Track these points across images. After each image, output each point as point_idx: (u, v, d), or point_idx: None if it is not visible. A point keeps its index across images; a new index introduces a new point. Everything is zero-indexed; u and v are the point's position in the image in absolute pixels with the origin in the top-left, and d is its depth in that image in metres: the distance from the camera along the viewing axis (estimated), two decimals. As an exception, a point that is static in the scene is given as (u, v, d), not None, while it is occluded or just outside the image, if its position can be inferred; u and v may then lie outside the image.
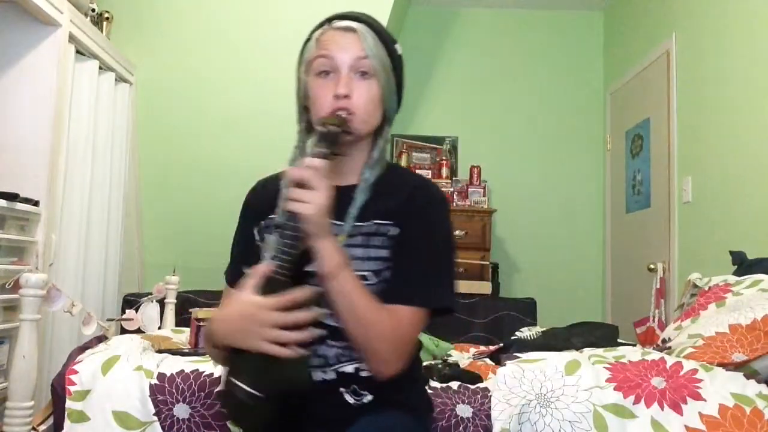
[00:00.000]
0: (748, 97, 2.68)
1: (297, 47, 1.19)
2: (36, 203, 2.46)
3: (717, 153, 2.90)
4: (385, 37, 1.15)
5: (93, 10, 3.08)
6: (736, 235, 2.69)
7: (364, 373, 1.08)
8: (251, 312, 1.00)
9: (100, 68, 3.03)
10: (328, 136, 1.05)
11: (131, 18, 3.41)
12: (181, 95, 3.45)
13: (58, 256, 2.64)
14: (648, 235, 3.57)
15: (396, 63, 1.17)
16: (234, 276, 1.18)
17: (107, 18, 3.25)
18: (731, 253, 2.30)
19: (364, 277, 1.08)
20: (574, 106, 4.35)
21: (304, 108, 1.19)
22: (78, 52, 2.83)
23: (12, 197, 2.29)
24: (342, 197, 1.09)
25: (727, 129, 2.82)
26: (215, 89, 3.45)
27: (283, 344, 0.98)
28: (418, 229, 1.11)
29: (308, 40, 1.18)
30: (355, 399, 1.09)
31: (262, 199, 1.21)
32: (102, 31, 3.15)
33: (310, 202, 0.99)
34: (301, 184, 1.00)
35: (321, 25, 1.17)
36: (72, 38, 2.72)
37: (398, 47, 1.18)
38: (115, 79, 3.19)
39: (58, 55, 2.60)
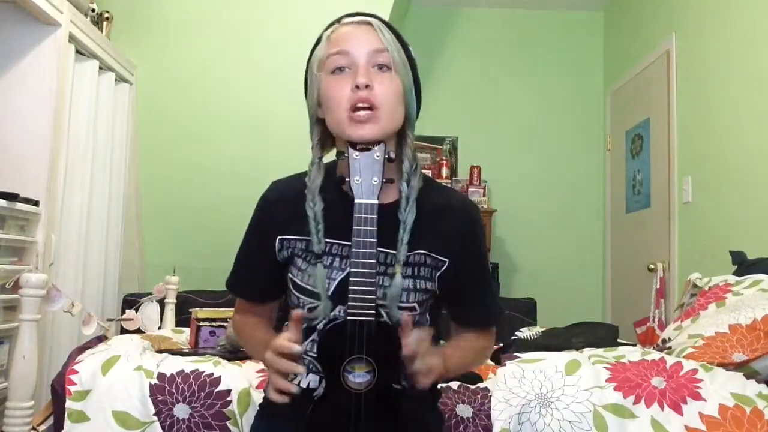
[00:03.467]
0: (748, 96, 2.68)
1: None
2: (36, 203, 2.45)
3: (717, 153, 2.89)
4: (399, 36, 1.10)
5: (93, 10, 3.08)
6: (736, 235, 2.69)
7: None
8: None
9: (100, 68, 3.02)
10: (367, 160, 0.96)
11: (131, 18, 3.41)
12: (181, 95, 3.45)
13: (58, 256, 2.64)
14: (648, 235, 3.57)
15: (412, 64, 1.10)
16: (245, 287, 1.18)
17: (107, 18, 3.25)
18: (731, 253, 2.30)
19: (412, 308, 1.06)
20: (574, 106, 4.35)
21: (317, 121, 1.10)
22: (78, 52, 2.83)
23: (12, 197, 2.29)
24: (382, 218, 0.98)
25: (727, 129, 2.82)
26: (215, 89, 3.45)
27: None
28: (475, 258, 1.15)
29: (318, 42, 1.10)
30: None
31: (284, 207, 1.12)
32: (102, 31, 3.15)
33: (432, 373, 0.97)
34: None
35: (330, 25, 1.11)
36: (72, 38, 2.72)
37: (412, 50, 1.12)
38: (115, 79, 3.18)
39: (58, 55, 2.60)
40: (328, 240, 1.07)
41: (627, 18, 4.05)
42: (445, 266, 1.10)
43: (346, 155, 0.98)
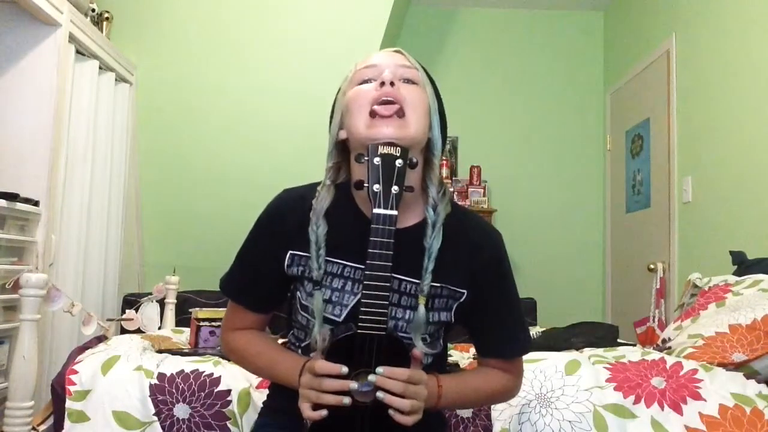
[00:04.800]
0: (748, 96, 2.68)
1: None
2: (36, 203, 2.45)
3: (717, 153, 2.90)
4: (428, 73, 1.10)
5: (93, 10, 3.08)
6: (736, 235, 2.69)
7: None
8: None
9: (100, 68, 3.02)
10: (388, 166, 0.90)
11: (131, 18, 3.41)
12: (181, 95, 3.45)
13: (58, 256, 2.64)
14: (648, 235, 3.57)
15: (438, 98, 1.09)
16: (239, 290, 1.12)
17: (107, 18, 3.25)
18: (731, 253, 2.30)
19: (424, 339, 1.03)
20: (574, 106, 4.35)
21: (337, 144, 1.08)
22: (78, 52, 2.83)
23: (12, 197, 2.29)
24: (401, 242, 0.94)
25: (727, 129, 2.82)
26: (215, 89, 3.45)
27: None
28: (497, 288, 1.11)
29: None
30: None
31: (295, 220, 1.06)
32: (102, 31, 3.15)
33: (416, 412, 0.92)
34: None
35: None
36: (72, 38, 2.72)
37: (438, 89, 1.11)
38: (115, 79, 3.18)
39: (58, 55, 2.60)
40: (340, 261, 1.04)
41: (627, 18, 4.05)
42: (463, 297, 1.07)
43: (365, 158, 0.94)
